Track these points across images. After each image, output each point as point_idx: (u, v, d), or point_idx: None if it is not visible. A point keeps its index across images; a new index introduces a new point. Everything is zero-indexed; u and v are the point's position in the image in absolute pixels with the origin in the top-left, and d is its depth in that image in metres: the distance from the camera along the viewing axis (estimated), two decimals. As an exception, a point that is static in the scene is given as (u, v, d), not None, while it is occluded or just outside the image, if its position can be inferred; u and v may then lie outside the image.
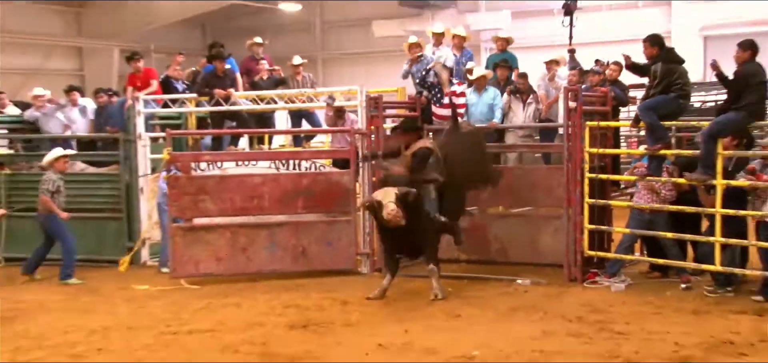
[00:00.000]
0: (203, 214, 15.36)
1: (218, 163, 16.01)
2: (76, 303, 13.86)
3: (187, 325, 11.99)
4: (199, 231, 15.39)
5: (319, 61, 40.65)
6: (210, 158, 16.28)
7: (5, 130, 19.22)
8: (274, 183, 15.42)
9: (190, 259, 15.25)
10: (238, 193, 15.35)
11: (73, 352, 10.83)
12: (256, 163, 16.13)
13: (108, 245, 16.96)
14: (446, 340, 10.73)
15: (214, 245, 15.30)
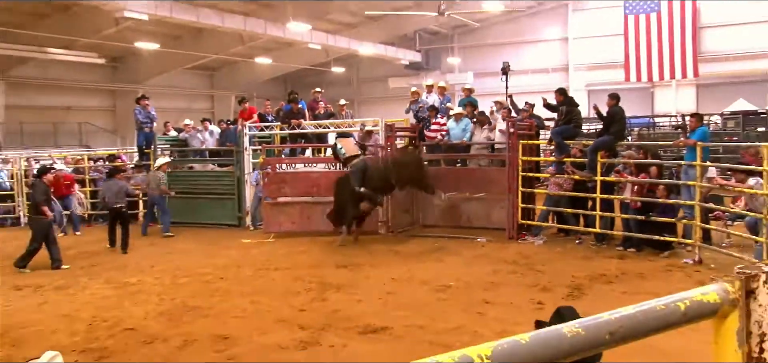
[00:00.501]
0: (283, 195, 15.38)
1: (292, 165, 16.06)
2: (206, 250, 13.84)
3: (274, 264, 11.97)
4: (281, 205, 15.40)
5: (356, 103, 40.62)
6: (287, 161, 16.45)
7: (168, 146, 19.20)
8: (326, 177, 15.31)
9: (276, 222, 15.33)
10: (304, 183, 15.42)
11: (205, 279, 10.93)
12: (315, 165, 16.10)
13: (226, 215, 16.84)
14: (434, 274, 10.69)
15: (290, 214, 15.32)
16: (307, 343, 7.49)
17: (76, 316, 8.85)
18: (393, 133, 15.19)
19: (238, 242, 14.65)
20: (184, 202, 17.14)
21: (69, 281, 10.93)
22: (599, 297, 9.15)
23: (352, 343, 7.47)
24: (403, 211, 15.19)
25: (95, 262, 12.74)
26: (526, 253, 12.26)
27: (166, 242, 14.97)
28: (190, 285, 10.56)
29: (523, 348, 1.65)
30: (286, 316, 8.59)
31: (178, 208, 17.05)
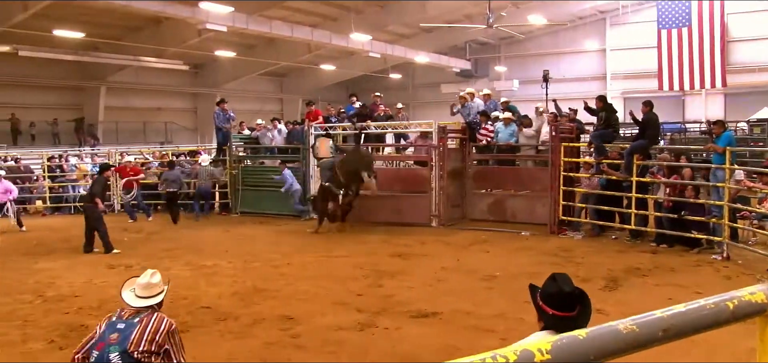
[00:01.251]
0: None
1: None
2: (273, 237, 13.95)
3: (334, 252, 11.97)
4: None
5: (411, 106, 40.47)
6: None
7: (241, 143, 19.44)
8: (382, 173, 15.30)
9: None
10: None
11: (273, 264, 10.98)
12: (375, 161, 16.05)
13: (292, 206, 16.82)
14: (481, 264, 10.54)
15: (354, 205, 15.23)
16: (364, 325, 7.45)
17: (161, 293, 8.99)
18: (445, 134, 15.02)
19: (302, 230, 14.71)
20: (255, 194, 17.40)
21: (154, 262, 11.08)
22: (633, 288, 8.88)
23: (404, 326, 7.40)
24: (453, 206, 15.02)
25: (175, 246, 12.94)
26: (566, 247, 11.97)
27: (239, 230, 15.08)
28: (260, 269, 10.63)
29: (581, 344, 1.61)
30: (345, 300, 8.57)
31: (250, 199, 17.34)
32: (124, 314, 4.04)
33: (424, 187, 15.09)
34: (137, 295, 4.15)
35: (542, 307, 3.00)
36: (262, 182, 17.51)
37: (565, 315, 2.92)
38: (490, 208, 14.93)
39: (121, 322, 3.99)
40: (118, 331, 3.93)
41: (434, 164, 14.92)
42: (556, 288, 3.00)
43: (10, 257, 11.98)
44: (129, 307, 4.08)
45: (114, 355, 3.84)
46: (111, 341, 3.90)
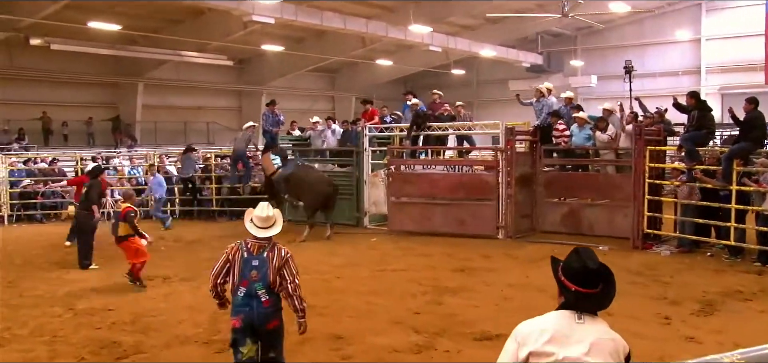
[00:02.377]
0: (406, 195, 15.45)
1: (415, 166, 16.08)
2: (324, 248, 14.01)
3: (390, 265, 11.98)
4: (404, 205, 15.54)
5: (475, 105, 40.25)
6: (410, 162, 16.51)
7: (290, 145, 19.69)
8: (446, 178, 15.37)
9: (398, 221, 15.51)
10: (425, 184, 15.46)
11: (323, 277, 11.04)
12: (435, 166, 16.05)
13: (344, 214, 16.95)
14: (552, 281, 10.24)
15: (411, 214, 15.41)
16: (422, 347, 7.40)
17: (200, 307, 9.13)
18: (513, 136, 14.84)
19: (355, 241, 14.77)
20: (305, 201, 17.52)
21: (194, 273, 11.31)
22: (733, 314, 8.55)
23: (466, 350, 7.31)
24: (522, 216, 14.84)
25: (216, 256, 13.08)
26: (651, 264, 11.66)
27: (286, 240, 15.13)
28: (308, 282, 10.61)
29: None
30: (401, 318, 8.53)
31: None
32: (252, 248, 5.47)
33: (489, 194, 14.95)
34: (258, 226, 5.51)
35: (564, 282, 3.23)
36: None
37: (588, 292, 3.16)
38: (563, 218, 14.70)
39: (253, 258, 5.43)
40: (255, 269, 5.40)
41: (501, 170, 14.77)
42: (580, 263, 3.23)
43: (41, 266, 12.39)
44: (254, 240, 5.50)
45: (260, 290, 5.39)
46: (253, 278, 5.40)
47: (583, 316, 3.17)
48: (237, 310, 5.45)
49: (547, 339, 3.11)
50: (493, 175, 14.94)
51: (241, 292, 5.42)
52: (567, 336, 3.10)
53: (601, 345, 3.08)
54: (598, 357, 3.03)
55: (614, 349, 3.13)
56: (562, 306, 3.22)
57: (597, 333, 3.13)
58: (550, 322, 3.20)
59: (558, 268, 3.31)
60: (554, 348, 3.08)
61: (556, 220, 14.79)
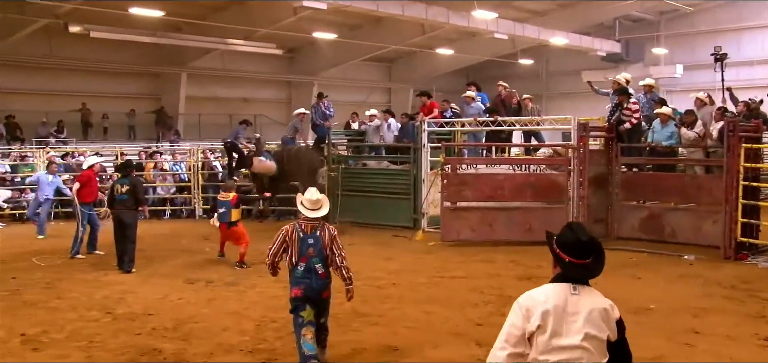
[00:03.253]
0: (463, 199, 15.22)
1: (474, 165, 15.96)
2: (378, 252, 14.06)
3: (450, 272, 11.93)
4: (460, 210, 15.29)
5: (544, 98, 39.83)
6: (469, 161, 16.37)
7: (345, 139, 19.81)
8: (512, 179, 15.18)
9: (453, 229, 15.14)
10: (487, 186, 15.16)
11: (377, 284, 11.07)
12: (499, 165, 15.91)
13: (401, 216, 17.06)
14: (631, 293, 10.11)
15: (470, 220, 15.13)
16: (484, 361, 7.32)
17: (245, 314, 9.25)
18: (586, 133, 14.59)
19: (412, 246, 14.76)
20: (358, 200, 17.66)
21: (239, 278, 11.46)
22: None
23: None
24: (595, 221, 14.58)
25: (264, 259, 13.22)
26: (746, 277, 11.29)
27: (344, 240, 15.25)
28: (361, 289, 10.64)
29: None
30: (462, 330, 8.48)
31: (351, 206, 17.60)
32: (305, 228, 6.88)
33: (559, 197, 14.75)
34: (308, 208, 6.91)
35: (559, 253, 3.85)
36: (367, 187, 17.80)
37: (580, 262, 3.81)
38: (642, 224, 14.42)
39: (309, 237, 6.84)
40: (312, 246, 6.82)
41: (572, 169, 14.56)
42: (573, 237, 3.85)
43: (80, 267, 12.72)
44: (306, 220, 6.91)
45: (317, 265, 6.83)
46: (311, 254, 6.83)
47: (577, 288, 3.78)
48: (298, 282, 6.85)
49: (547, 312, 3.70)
50: (564, 175, 14.75)
51: (300, 267, 6.83)
52: (563, 309, 3.71)
53: (594, 316, 3.73)
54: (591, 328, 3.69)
55: (606, 318, 3.78)
56: (558, 277, 3.85)
57: (590, 304, 3.76)
58: (548, 293, 3.79)
59: (553, 241, 3.89)
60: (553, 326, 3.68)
61: (634, 225, 14.51)
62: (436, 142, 16.96)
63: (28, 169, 20.11)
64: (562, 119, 16.40)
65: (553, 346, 3.67)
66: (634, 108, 14.56)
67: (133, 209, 12.53)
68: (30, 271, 12.24)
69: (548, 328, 3.69)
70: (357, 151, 19.61)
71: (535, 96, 19.51)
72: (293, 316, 6.91)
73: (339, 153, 19.16)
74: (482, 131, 16.92)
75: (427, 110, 17.65)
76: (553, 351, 3.67)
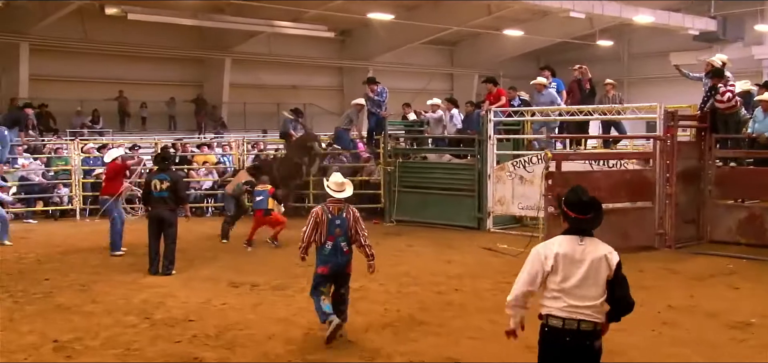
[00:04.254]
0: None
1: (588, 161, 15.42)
2: (439, 254, 14.04)
3: (519, 276, 11.76)
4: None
5: (625, 83, 39.22)
6: (576, 157, 15.62)
7: (402, 130, 19.81)
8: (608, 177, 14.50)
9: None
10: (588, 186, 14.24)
11: (438, 290, 11.05)
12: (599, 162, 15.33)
13: (463, 215, 16.98)
14: (726, 306, 9.88)
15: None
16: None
17: (293, 321, 9.30)
18: (675, 123, 14.26)
19: (476, 247, 14.70)
20: (417, 198, 17.70)
21: (287, 281, 11.53)
22: None
23: (614, 384, 7.09)
24: (685, 222, 14.30)
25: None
26: None
27: (393, 243, 15.27)
28: (420, 295, 10.70)
29: None
30: (532, 342, 8.31)
31: (409, 204, 17.67)
32: (333, 210, 8.30)
33: (647, 195, 14.39)
34: (334, 190, 8.33)
35: (567, 211, 5.20)
36: (426, 183, 17.78)
37: (583, 217, 5.15)
38: (740, 226, 14.08)
39: (337, 218, 8.26)
40: (339, 226, 8.25)
41: (658, 163, 14.24)
42: (577, 197, 5.20)
43: (117, 267, 12.95)
44: (334, 202, 8.36)
45: (343, 243, 8.32)
46: (338, 234, 8.26)
47: (583, 239, 5.15)
48: (325, 260, 8.31)
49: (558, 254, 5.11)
50: (651, 170, 14.42)
51: (328, 245, 8.25)
52: (572, 256, 5.10)
53: (596, 261, 5.09)
54: (593, 276, 5.08)
55: (606, 264, 5.12)
56: (567, 231, 5.20)
57: (594, 252, 5.11)
58: (560, 242, 5.19)
59: (561, 202, 5.27)
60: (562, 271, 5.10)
61: (730, 227, 14.14)
62: (504, 134, 16.88)
63: (61, 163, 20.53)
64: (646, 107, 16.05)
65: (563, 287, 5.10)
66: (729, 93, 14.15)
67: (174, 207, 12.59)
68: (64, 272, 12.49)
69: (559, 270, 5.10)
70: (418, 143, 19.59)
71: (616, 81, 19.14)
72: (313, 286, 8.45)
73: (396, 145, 19.18)
74: (555, 121, 16.74)
75: (493, 98, 17.52)
76: (563, 290, 5.10)
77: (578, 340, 5.09)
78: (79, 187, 19.72)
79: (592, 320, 5.09)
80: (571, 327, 5.08)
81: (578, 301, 5.06)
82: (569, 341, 5.11)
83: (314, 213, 8.33)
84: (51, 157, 21.17)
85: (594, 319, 5.09)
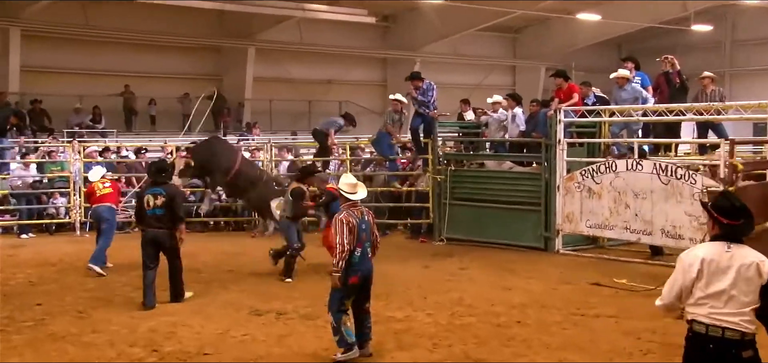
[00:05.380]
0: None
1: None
2: (497, 280, 13.99)
3: (594, 309, 11.70)
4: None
5: (727, 76, 38.72)
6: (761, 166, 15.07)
7: (455, 131, 19.76)
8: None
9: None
10: None
11: (497, 322, 10.98)
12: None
13: (527, 233, 16.89)
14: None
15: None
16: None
17: (326, 356, 9.29)
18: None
19: (542, 271, 14.63)
20: (471, 212, 17.69)
21: (318, 309, 11.50)
22: None
23: None
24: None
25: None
26: None
27: (444, 266, 15.26)
28: (475, 327, 10.63)
29: None
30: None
31: (462, 220, 17.66)
32: (357, 213, 8.91)
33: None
34: (350, 192, 8.97)
35: (718, 217, 5.66)
36: (483, 195, 17.72)
37: (735, 223, 5.61)
38: None
39: (362, 222, 8.88)
40: (364, 231, 8.89)
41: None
42: (729, 203, 5.71)
43: (120, 290, 13.05)
44: (353, 205, 8.97)
45: (369, 248, 8.99)
46: (364, 239, 8.87)
47: (731, 246, 5.58)
48: (355, 269, 8.81)
49: (704, 260, 5.57)
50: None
51: (357, 253, 8.80)
52: (718, 263, 5.54)
53: (745, 269, 5.49)
54: (741, 283, 5.47)
55: (756, 272, 5.48)
56: (715, 237, 5.69)
57: (741, 258, 5.52)
58: (706, 249, 5.67)
59: (709, 206, 5.78)
60: (707, 276, 5.55)
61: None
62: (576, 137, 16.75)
63: (57, 168, 20.70)
64: (753, 106, 15.77)
65: (707, 293, 5.52)
66: None
67: (171, 227, 12.28)
68: (59, 296, 12.61)
69: (704, 276, 5.54)
70: (474, 148, 19.51)
71: (715, 75, 18.84)
72: (336, 300, 8.90)
73: (447, 151, 19.09)
74: (639, 122, 16.57)
75: (564, 95, 17.40)
76: (707, 296, 5.52)
77: (723, 348, 5.46)
78: (78, 196, 19.79)
79: (739, 329, 5.44)
80: (715, 334, 5.47)
81: (723, 307, 5.47)
82: (713, 348, 5.49)
83: (343, 219, 8.78)
84: (45, 161, 21.21)
85: (742, 328, 5.44)
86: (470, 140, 19.69)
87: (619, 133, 17.16)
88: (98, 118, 29.03)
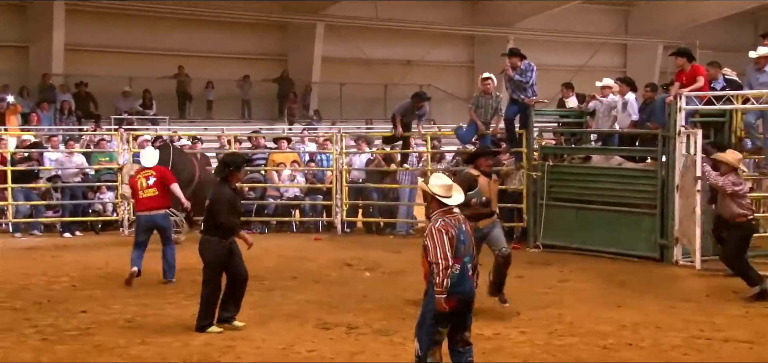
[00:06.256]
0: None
1: None
2: (604, 294, 13.90)
3: (722, 331, 11.47)
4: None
5: None
6: None
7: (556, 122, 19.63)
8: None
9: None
10: None
11: (603, 344, 10.86)
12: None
13: (640, 240, 16.70)
14: None
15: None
16: None
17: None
18: None
19: (657, 285, 14.48)
20: (571, 214, 17.59)
21: (394, 323, 11.53)
22: None
23: None
24: None
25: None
26: None
27: (539, 276, 15.21)
28: (577, 349, 10.56)
29: None
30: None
31: (562, 223, 17.62)
32: (456, 221, 8.06)
33: None
34: (446, 195, 8.13)
35: None
36: (587, 195, 17.66)
37: None
38: None
39: (461, 232, 8.03)
40: (463, 244, 8.01)
41: None
42: None
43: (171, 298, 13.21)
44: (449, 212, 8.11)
45: (469, 265, 8.12)
46: (463, 253, 8.01)
47: None
48: (454, 290, 7.89)
49: None
50: None
51: (455, 270, 7.92)
52: None
53: None
54: None
55: None
56: None
57: None
58: None
59: None
60: None
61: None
62: (700, 128, 16.43)
63: (104, 158, 21.07)
64: None
65: None
66: None
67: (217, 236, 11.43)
68: (105, 303, 12.82)
69: None
70: (575, 139, 19.36)
71: None
72: (428, 326, 8.03)
73: (544, 143, 18.96)
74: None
75: (686, 78, 17.15)
76: None
77: None
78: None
79: None
80: None
81: None
82: None
83: (441, 227, 7.89)
84: (91, 151, 21.58)
85: None
86: (573, 131, 19.52)
87: (755, 124, 16.80)
88: (149, 103, 29.26)
